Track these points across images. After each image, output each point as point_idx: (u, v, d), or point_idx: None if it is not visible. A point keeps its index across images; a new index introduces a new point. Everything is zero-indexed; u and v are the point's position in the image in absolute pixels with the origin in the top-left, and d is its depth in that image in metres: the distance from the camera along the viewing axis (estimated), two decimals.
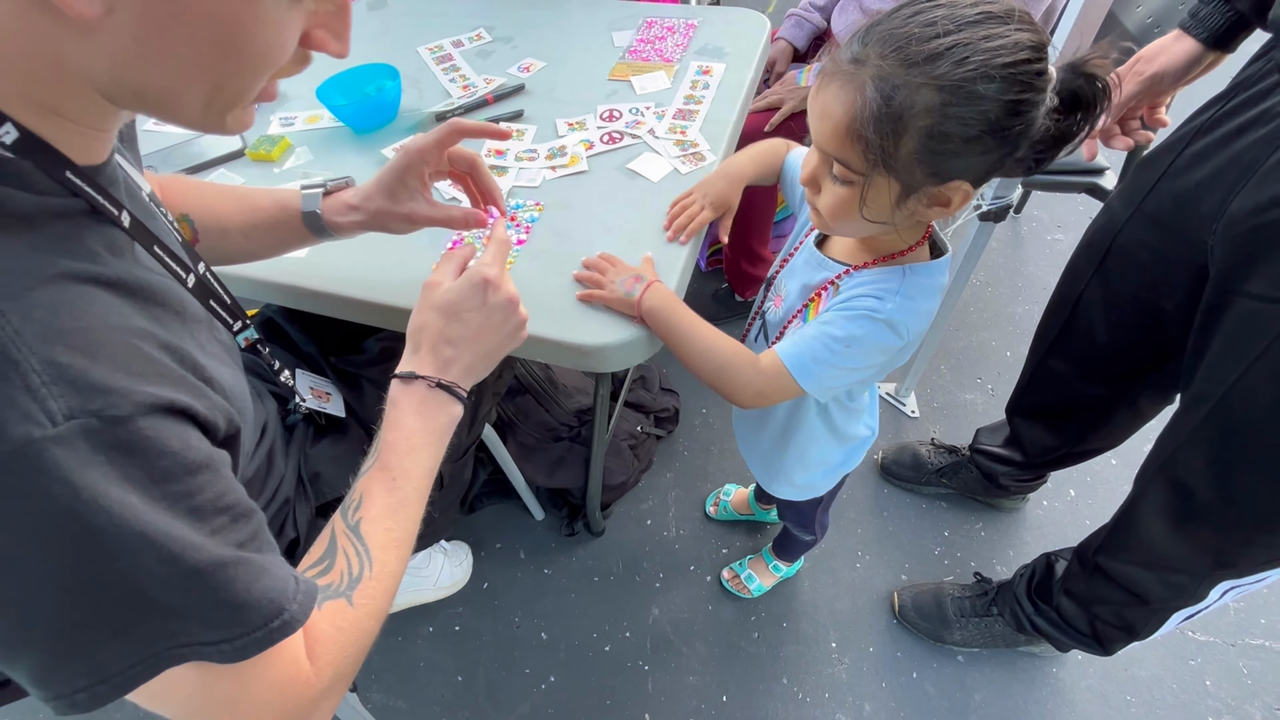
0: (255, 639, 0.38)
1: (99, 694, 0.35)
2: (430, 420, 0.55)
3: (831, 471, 0.89)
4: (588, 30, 1.16)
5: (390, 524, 0.50)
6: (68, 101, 0.36)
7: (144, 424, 0.34)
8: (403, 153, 0.64)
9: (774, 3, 2.83)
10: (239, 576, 0.37)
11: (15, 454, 0.30)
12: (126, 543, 0.33)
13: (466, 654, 1.22)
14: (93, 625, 0.33)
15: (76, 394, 0.32)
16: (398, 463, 0.53)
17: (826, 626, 1.24)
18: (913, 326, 0.64)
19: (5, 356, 0.30)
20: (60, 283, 0.34)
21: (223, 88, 0.37)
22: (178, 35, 0.33)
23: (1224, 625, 1.22)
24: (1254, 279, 0.70)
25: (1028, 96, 0.51)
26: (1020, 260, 1.86)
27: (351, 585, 0.47)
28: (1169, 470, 0.82)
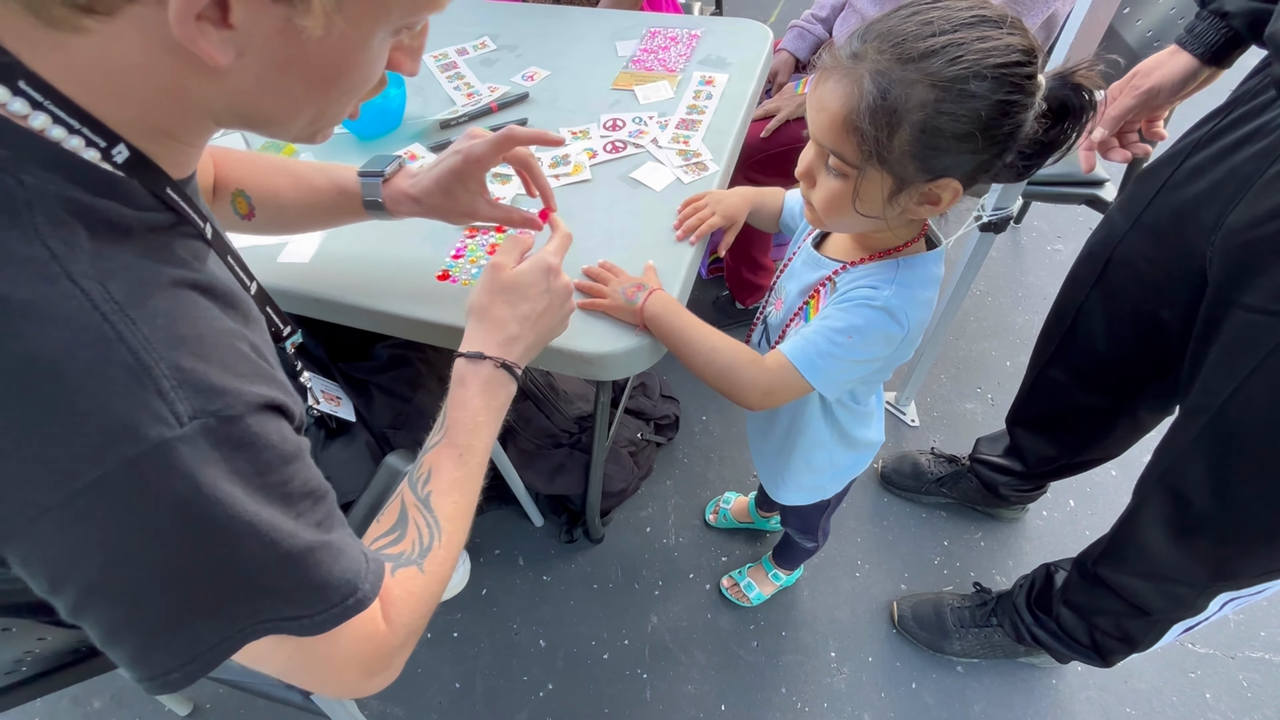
0: (332, 615, 0.40)
1: (189, 673, 0.37)
2: (492, 400, 0.58)
3: (840, 474, 0.90)
4: (592, 39, 1.17)
5: (457, 497, 0.54)
6: (180, 126, 0.38)
7: (251, 421, 0.36)
8: (461, 158, 0.66)
9: (776, 12, 2.85)
10: (322, 560, 0.40)
11: (149, 453, 0.32)
12: (234, 531, 0.35)
13: (464, 661, 1.22)
14: (192, 609, 0.36)
15: (198, 396, 0.34)
16: (464, 440, 0.56)
17: (825, 636, 1.24)
18: (912, 314, 0.64)
19: (140, 363, 0.32)
20: (171, 290, 0.36)
21: (324, 113, 0.41)
22: (295, 74, 0.36)
23: (1224, 638, 1.22)
24: (1251, 291, 0.71)
25: (1017, 98, 0.52)
26: (1020, 270, 1.87)
27: (423, 554, 0.50)
28: (1168, 481, 0.83)
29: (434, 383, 0.86)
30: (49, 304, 0.30)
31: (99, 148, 0.35)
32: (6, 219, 0.30)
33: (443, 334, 0.75)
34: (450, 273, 0.79)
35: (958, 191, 0.58)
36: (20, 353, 0.29)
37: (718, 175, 0.89)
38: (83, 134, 0.34)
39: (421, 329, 0.75)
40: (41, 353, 0.30)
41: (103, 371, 0.31)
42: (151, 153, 0.38)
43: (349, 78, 0.39)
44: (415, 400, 0.84)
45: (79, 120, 0.34)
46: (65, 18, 0.30)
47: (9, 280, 0.30)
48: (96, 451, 0.31)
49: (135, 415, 0.31)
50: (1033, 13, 1.10)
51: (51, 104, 0.33)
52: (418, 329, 0.75)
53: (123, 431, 0.31)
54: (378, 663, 0.45)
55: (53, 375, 0.30)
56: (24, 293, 0.30)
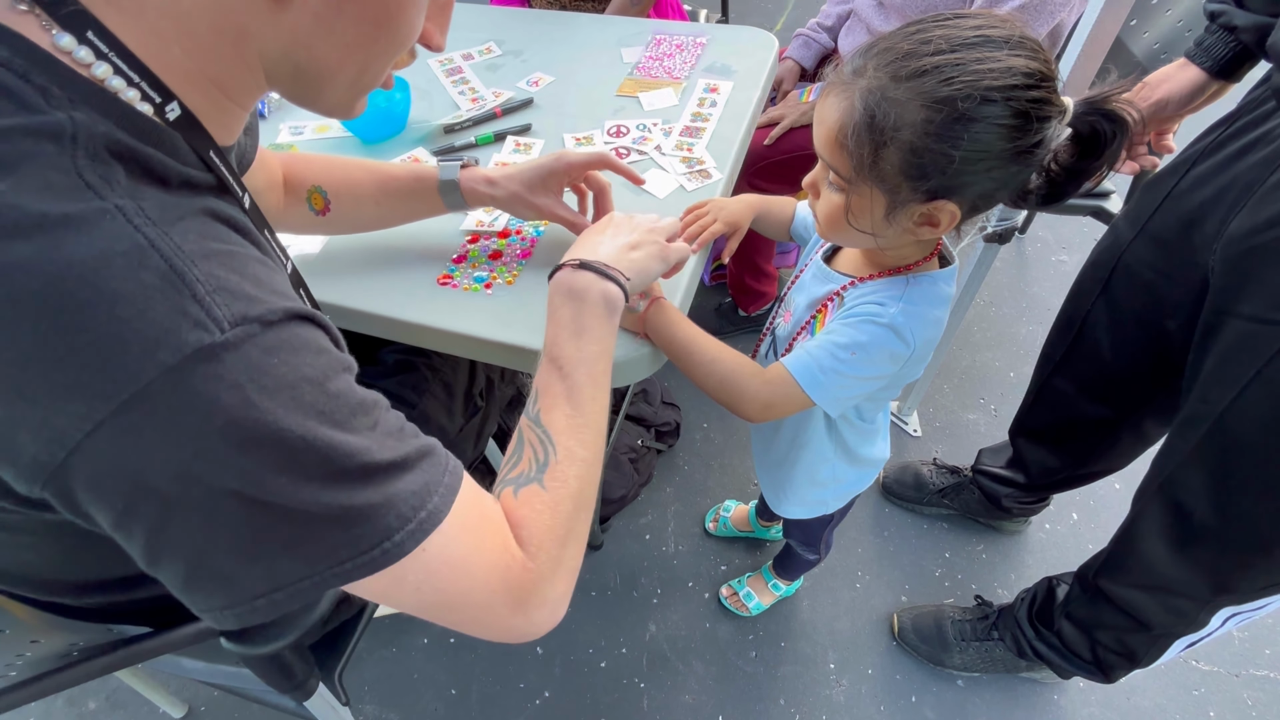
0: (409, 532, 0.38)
1: (276, 601, 0.36)
2: (580, 303, 0.57)
3: (843, 489, 0.89)
4: (597, 46, 1.17)
5: (569, 410, 0.52)
6: (234, 79, 0.39)
7: (295, 327, 0.36)
8: (555, 157, 0.72)
9: (781, 20, 2.86)
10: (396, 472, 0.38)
11: (190, 360, 0.31)
12: (288, 444, 0.34)
13: (461, 667, 1.21)
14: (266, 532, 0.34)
15: (236, 301, 0.33)
16: (560, 352, 0.55)
17: (825, 647, 1.23)
18: (919, 333, 0.63)
19: (173, 269, 0.31)
20: (204, 216, 0.36)
21: (367, 68, 0.42)
22: (349, 14, 0.38)
23: (1228, 655, 1.20)
24: (1248, 300, 0.70)
25: (1017, 123, 0.51)
26: (1025, 281, 1.86)
27: (540, 470, 0.49)
28: (1167, 491, 0.82)
29: (439, 388, 0.86)
30: (83, 216, 0.30)
31: (153, 102, 0.36)
32: (52, 147, 0.31)
33: (443, 339, 0.74)
34: (452, 277, 0.78)
35: (955, 215, 0.56)
36: (59, 260, 0.29)
37: (721, 183, 0.89)
38: (140, 87, 0.35)
39: (422, 333, 0.75)
40: (78, 259, 0.29)
41: (138, 276, 0.30)
42: (202, 112, 0.39)
43: (396, 21, 0.40)
44: (421, 406, 0.83)
45: (139, 74, 0.35)
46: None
47: (46, 200, 0.30)
48: (138, 360, 0.30)
49: (174, 320, 0.31)
50: (1038, 22, 1.10)
51: (115, 55, 0.34)
52: (418, 333, 0.75)
53: (162, 337, 0.30)
54: (521, 593, 0.43)
55: (91, 281, 0.30)
56: (61, 208, 0.30)
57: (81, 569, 0.52)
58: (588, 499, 0.50)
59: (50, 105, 0.32)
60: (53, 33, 0.32)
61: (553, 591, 0.46)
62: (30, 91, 0.31)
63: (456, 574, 0.41)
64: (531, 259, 0.80)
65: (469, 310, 0.74)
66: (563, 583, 0.47)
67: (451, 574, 0.41)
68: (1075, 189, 0.57)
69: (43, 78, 0.32)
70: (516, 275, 0.78)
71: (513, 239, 0.83)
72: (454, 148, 0.97)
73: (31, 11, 0.32)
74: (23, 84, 0.31)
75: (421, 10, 0.42)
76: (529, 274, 0.79)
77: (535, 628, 0.45)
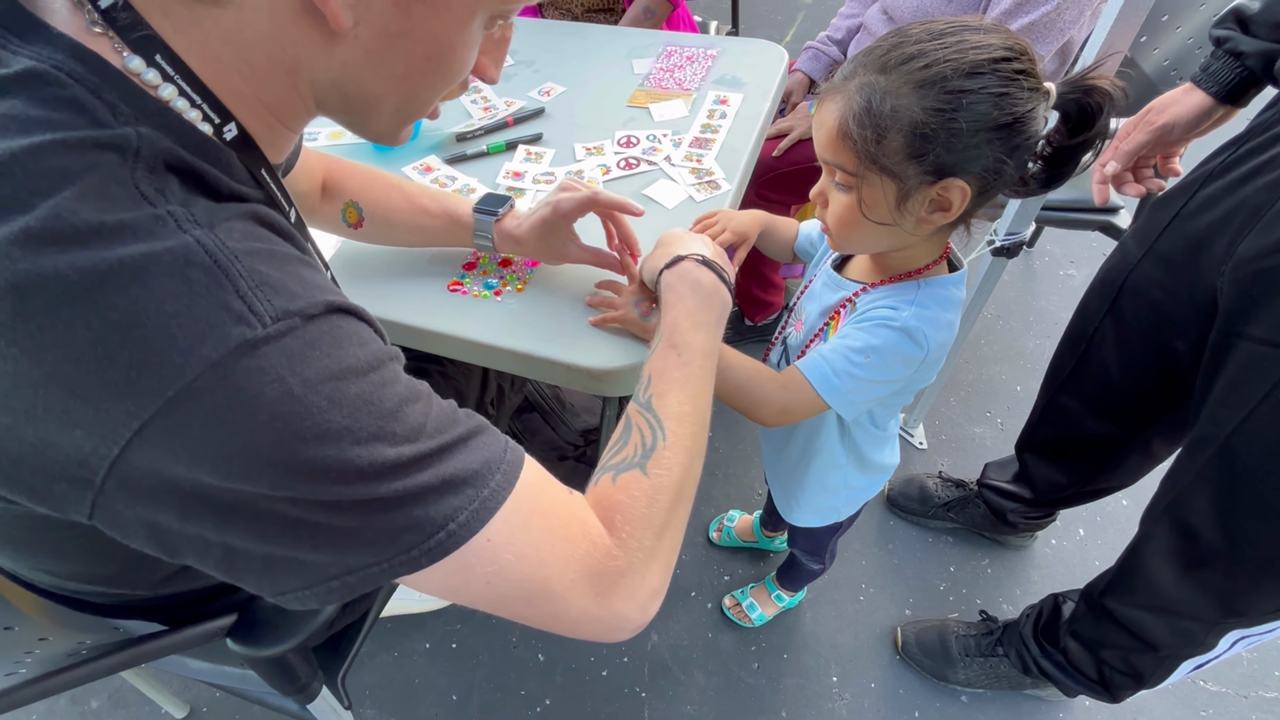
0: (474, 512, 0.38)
1: (350, 584, 0.37)
2: (705, 299, 0.59)
3: (854, 496, 0.89)
4: (608, 56, 1.19)
5: (681, 396, 0.52)
6: (286, 105, 0.41)
7: (337, 319, 0.36)
8: (550, 210, 0.72)
9: (791, 32, 2.87)
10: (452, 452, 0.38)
11: (234, 354, 0.31)
12: (333, 437, 0.34)
13: (462, 673, 1.21)
14: (324, 524, 0.35)
15: (278, 296, 0.34)
16: (681, 339, 0.55)
17: (828, 660, 1.22)
18: (932, 336, 0.64)
19: (218, 265, 0.32)
20: (249, 219, 0.37)
21: (414, 98, 0.43)
22: (399, 49, 0.39)
23: (1236, 676, 1.19)
24: (1257, 322, 0.70)
25: (1008, 90, 0.54)
26: (1032, 295, 1.86)
27: (645, 455, 0.48)
28: (1174, 512, 0.82)
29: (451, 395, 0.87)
30: (136, 223, 0.32)
31: (213, 123, 0.38)
32: (115, 159, 0.32)
33: (452, 345, 0.75)
34: (462, 283, 0.79)
35: (966, 192, 0.57)
36: (110, 260, 0.30)
37: (730, 194, 0.90)
38: (202, 108, 0.37)
39: (432, 339, 0.76)
40: (129, 259, 0.31)
41: (184, 273, 0.31)
42: (257, 134, 0.41)
43: (447, 59, 0.41)
44: None
45: (201, 96, 0.37)
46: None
47: (103, 209, 0.31)
48: (184, 355, 0.31)
49: (218, 316, 0.31)
50: (1047, 40, 1.11)
51: (180, 78, 0.36)
52: (428, 339, 0.76)
53: (206, 332, 0.31)
54: (605, 581, 0.42)
55: (141, 279, 0.31)
56: (116, 216, 0.31)
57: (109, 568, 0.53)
58: (688, 492, 0.49)
59: (118, 120, 0.33)
60: (124, 55, 0.34)
61: (643, 585, 0.43)
62: (101, 107, 0.33)
63: (528, 562, 0.40)
64: (540, 267, 0.81)
65: (478, 317, 0.75)
66: (656, 577, 0.44)
67: (523, 563, 0.39)
68: (1073, 168, 0.60)
69: (113, 95, 0.34)
70: (526, 283, 0.79)
71: None
72: (465, 155, 0.98)
73: (106, 34, 0.34)
74: (95, 100, 0.33)
75: (473, 47, 0.42)
76: (538, 282, 0.79)
77: (623, 622, 0.43)
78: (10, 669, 0.54)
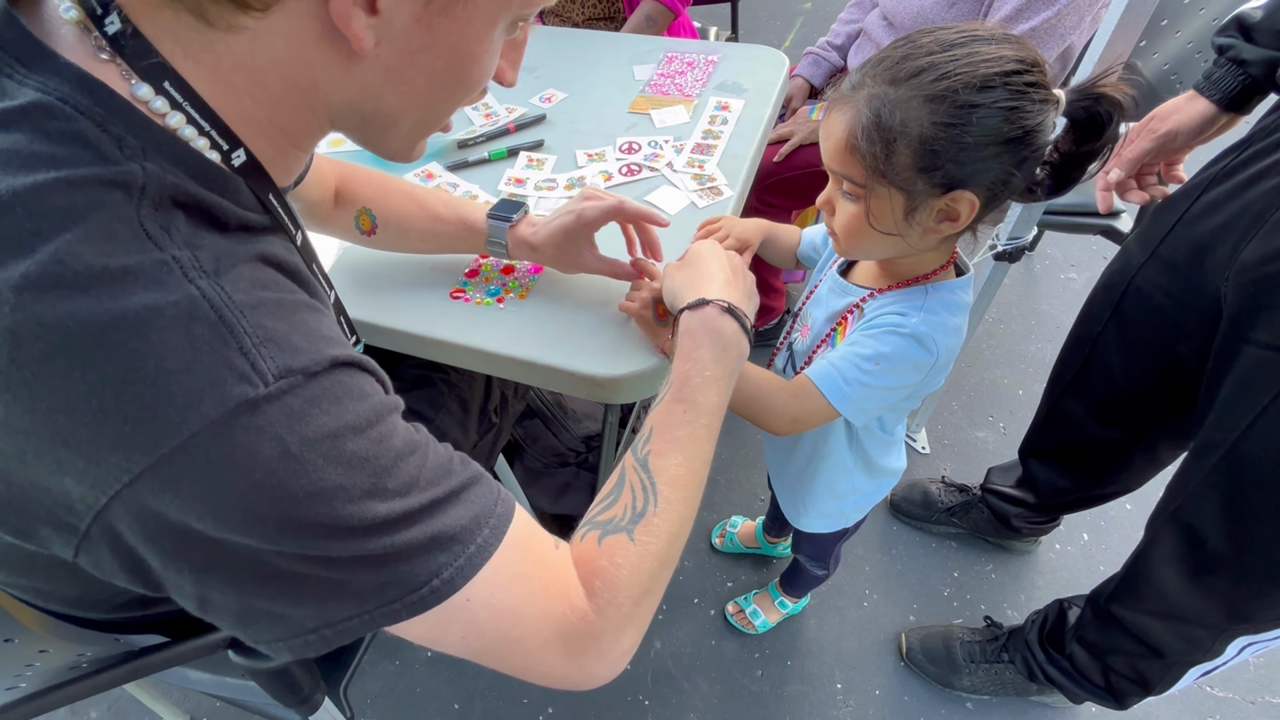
0: (458, 569, 0.37)
1: (327, 637, 0.36)
2: (723, 351, 0.56)
3: (862, 501, 0.89)
4: (609, 63, 1.19)
5: (680, 459, 0.49)
6: (301, 126, 0.40)
7: (338, 376, 0.36)
8: (574, 219, 0.70)
9: (791, 37, 2.88)
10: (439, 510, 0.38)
11: (233, 413, 0.31)
12: (324, 496, 0.33)
13: (464, 681, 1.20)
14: (310, 578, 0.34)
15: (282, 353, 0.33)
16: (690, 394, 0.52)
17: (832, 666, 1.21)
18: (941, 341, 0.64)
19: (223, 321, 0.32)
20: (256, 262, 0.36)
21: (432, 112, 0.42)
22: (420, 65, 0.38)
23: (1243, 682, 1.18)
24: (1263, 327, 0.70)
25: (1018, 104, 0.53)
26: (1034, 299, 1.86)
27: (634, 520, 0.46)
28: (1180, 517, 0.81)
29: (455, 404, 0.86)
30: (141, 269, 0.31)
31: (221, 150, 0.37)
32: (120, 197, 0.32)
33: (454, 352, 0.75)
34: (464, 291, 0.79)
35: (974, 204, 0.57)
36: (112, 311, 0.30)
37: (732, 200, 0.90)
38: (210, 136, 0.36)
39: (434, 347, 0.75)
40: (131, 312, 0.30)
41: (189, 329, 0.31)
42: (266, 158, 0.39)
43: (469, 69, 0.40)
44: (436, 422, 0.84)
45: (209, 123, 0.36)
46: (223, 16, 0.33)
47: (107, 252, 0.30)
48: (181, 413, 0.30)
49: (220, 374, 0.31)
50: (1049, 45, 1.11)
51: (188, 105, 0.35)
52: (430, 347, 0.76)
53: (207, 391, 0.31)
54: (578, 644, 0.41)
55: (142, 333, 0.30)
56: (120, 261, 0.30)
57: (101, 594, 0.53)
58: (674, 556, 0.48)
59: (124, 155, 0.32)
60: (132, 82, 0.33)
61: (615, 647, 0.43)
62: (107, 141, 0.32)
63: (505, 620, 0.40)
64: (543, 274, 0.81)
65: (481, 324, 0.75)
66: (629, 639, 0.44)
67: (500, 620, 0.39)
68: (1080, 175, 0.59)
69: (120, 126, 0.33)
70: (529, 290, 0.79)
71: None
72: (467, 162, 0.98)
73: (113, 61, 0.33)
74: (101, 133, 0.32)
75: (494, 54, 0.41)
76: (540, 289, 0.79)
77: (591, 680, 0.43)
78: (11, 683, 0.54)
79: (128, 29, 0.33)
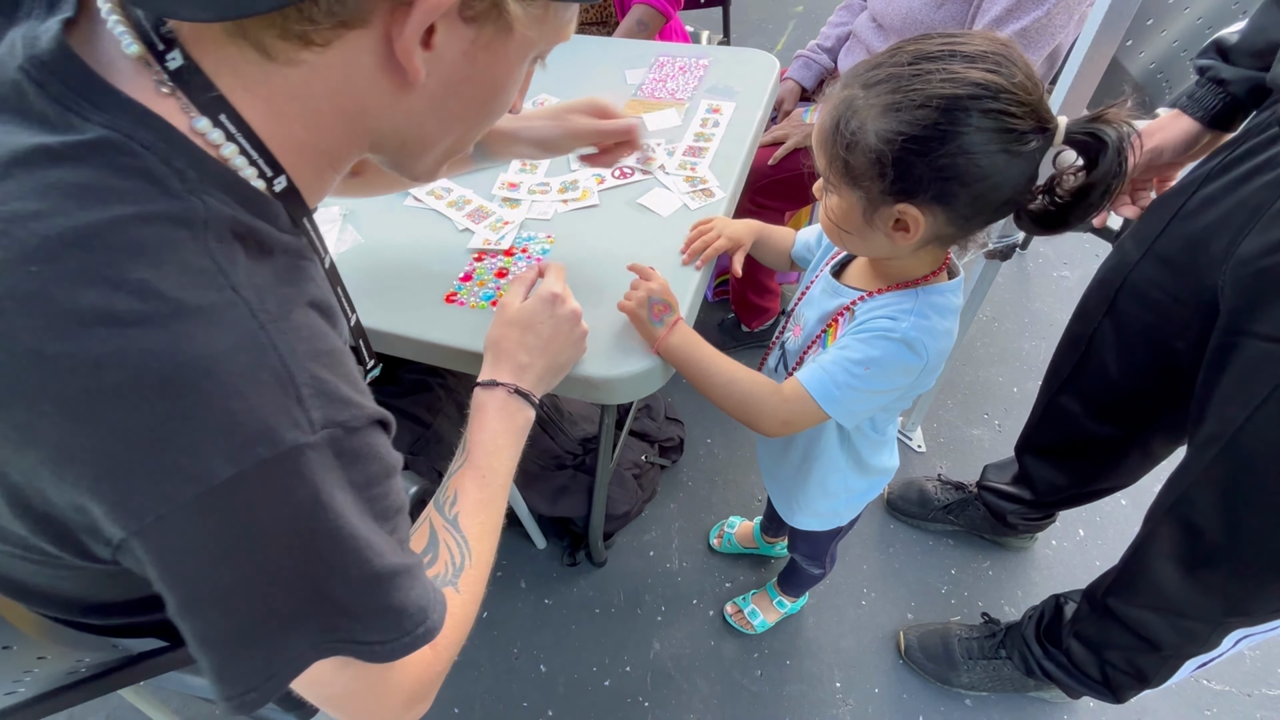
0: (404, 644, 0.40)
1: (266, 691, 0.37)
2: (509, 423, 0.62)
3: (855, 499, 0.89)
4: (601, 67, 1.20)
5: (483, 517, 0.56)
6: (343, 150, 0.42)
7: (368, 434, 0.38)
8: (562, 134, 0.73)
9: (783, 40, 2.90)
10: (403, 584, 0.40)
11: (282, 457, 0.33)
12: (338, 544, 0.36)
13: (463, 684, 1.20)
14: (280, 619, 0.36)
15: (329, 405, 0.35)
16: (485, 461, 0.58)
17: (831, 665, 1.22)
18: (931, 345, 0.64)
19: (286, 370, 0.34)
20: (305, 308, 0.38)
21: (464, 138, 0.46)
22: (460, 94, 0.41)
23: (1240, 675, 1.19)
24: (1262, 320, 0.71)
25: (960, 129, 0.52)
26: (1027, 296, 1.87)
27: (456, 574, 0.51)
28: (1179, 511, 0.82)
29: (452, 409, 0.87)
30: (216, 309, 0.33)
31: (265, 178, 0.39)
32: (187, 233, 0.33)
33: (449, 356, 0.75)
34: (458, 295, 0.79)
35: (919, 220, 0.58)
36: (189, 351, 0.31)
37: (724, 201, 0.90)
38: (257, 165, 0.38)
39: (428, 350, 0.76)
40: (206, 352, 0.32)
41: (256, 375, 0.33)
42: (305, 183, 0.41)
43: (499, 98, 0.44)
44: (434, 426, 0.84)
45: (258, 152, 0.38)
46: (286, 52, 0.34)
47: (184, 287, 0.32)
48: (238, 450, 0.32)
49: (276, 419, 0.33)
50: (1038, 45, 1.12)
51: (241, 136, 0.36)
52: (425, 350, 0.76)
53: (264, 433, 0.32)
54: (422, 690, 0.45)
55: (213, 373, 0.32)
56: (196, 299, 0.32)
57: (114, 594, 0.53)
58: (483, 594, 0.53)
59: (186, 189, 0.34)
60: (191, 116, 0.35)
61: (438, 686, 0.47)
62: (171, 176, 0.34)
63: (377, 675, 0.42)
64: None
65: (476, 327, 0.75)
66: (447, 670, 0.48)
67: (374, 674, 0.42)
68: (1080, 216, 0.57)
69: (181, 161, 0.34)
70: None
71: (518, 257, 0.84)
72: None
73: (173, 95, 0.34)
74: (165, 169, 0.34)
75: (519, 84, 0.45)
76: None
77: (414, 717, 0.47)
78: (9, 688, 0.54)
79: (189, 65, 0.34)
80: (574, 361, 0.69)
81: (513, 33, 0.39)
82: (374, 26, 0.35)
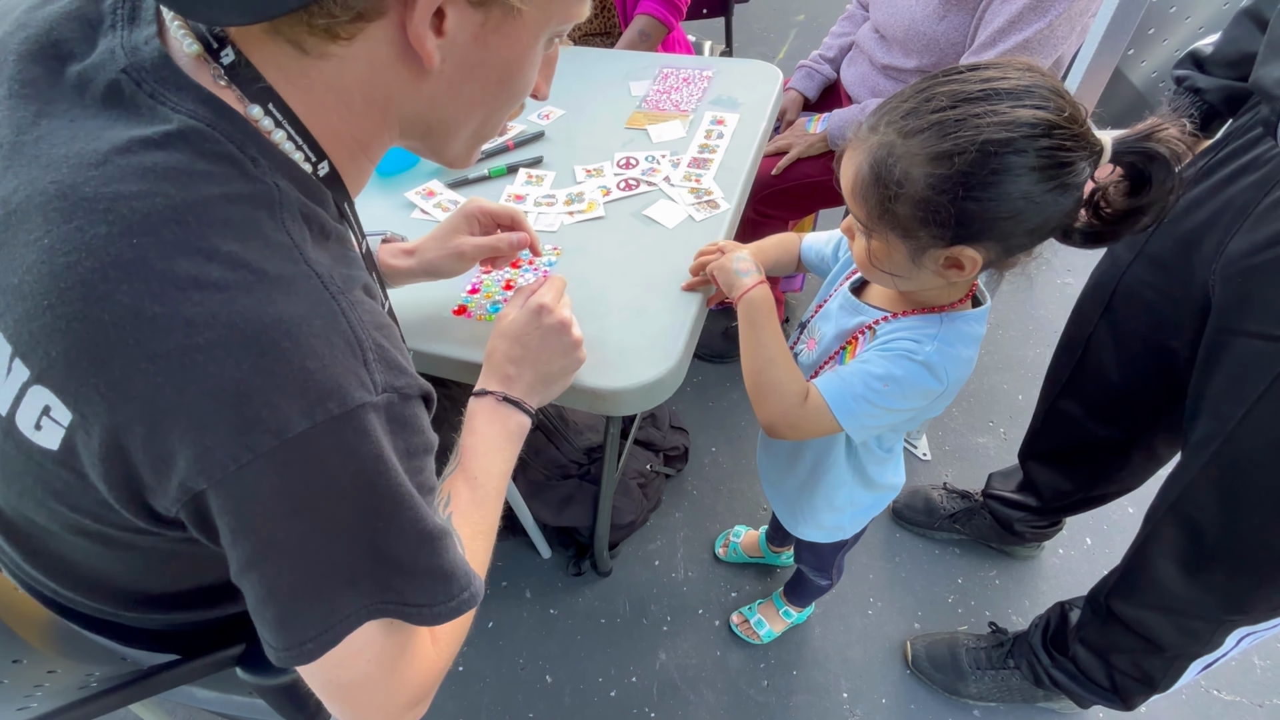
0: (450, 608, 0.43)
1: (322, 643, 0.39)
2: (500, 427, 0.63)
3: (860, 514, 0.89)
4: (606, 80, 1.20)
5: (476, 517, 0.57)
6: (376, 138, 0.45)
7: (417, 405, 0.42)
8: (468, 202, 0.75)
9: (784, 50, 2.92)
10: (450, 546, 0.43)
11: (351, 414, 0.36)
12: (398, 500, 0.39)
13: (469, 695, 1.20)
14: (339, 572, 0.38)
15: (389, 371, 0.39)
16: (476, 464, 0.60)
17: (838, 675, 1.21)
18: (952, 372, 0.64)
19: (355, 336, 0.38)
20: (359, 290, 0.41)
21: (487, 120, 0.48)
22: (477, 77, 0.43)
23: (1250, 684, 1.18)
24: (1252, 318, 0.72)
25: (1022, 174, 0.51)
26: (1031, 304, 1.87)
27: None
28: (1178, 510, 0.82)
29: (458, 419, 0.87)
30: (294, 279, 0.36)
31: (312, 163, 0.42)
32: (266, 213, 0.37)
33: (459, 368, 0.76)
34: (466, 307, 0.80)
35: (976, 261, 0.57)
36: (273, 314, 0.35)
37: (729, 213, 0.91)
38: (304, 150, 0.41)
39: (438, 363, 0.76)
40: (288, 315, 0.35)
41: (329, 338, 0.36)
42: (344, 170, 0.44)
43: (516, 80, 0.45)
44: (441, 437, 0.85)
45: (303, 138, 0.41)
46: (317, 46, 0.38)
47: (267, 259, 0.36)
48: (312, 405, 0.35)
49: (346, 379, 0.36)
50: (1041, 56, 1.12)
51: (287, 123, 0.40)
52: (434, 363, 0.76)
53: (335, 390, 0.36)
54: (424, 690, 0.46)
55: (294, 334, 0.35)
56: (277, 269, 0.36)
57: (159, 583, 0.54)
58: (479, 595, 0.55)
59: (259, 173, 0.38)
60: (246, 105, 0.38)
61: (436, 689, 0.48)
62: (246, 161, 0.38)
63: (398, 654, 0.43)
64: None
65: (484, 340, 0.75)
66: (444, 674, 0.50)
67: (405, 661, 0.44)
68: (1127, 229, 0.56)
69: (252, 148, 0.38)
70: None
71: (525, 269, 0.85)
72: (468, 179, 0.99)
73: (230, 87, 0.38)
74: (241, 155, 0.37)
75: (536, 66, 0.46)
76: None
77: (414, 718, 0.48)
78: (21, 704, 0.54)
79: (241, 59, 0.38)
80: (569, 370, 0.68)
81: (520, 14, 0.41)
82: (390, 17, 0.37)
